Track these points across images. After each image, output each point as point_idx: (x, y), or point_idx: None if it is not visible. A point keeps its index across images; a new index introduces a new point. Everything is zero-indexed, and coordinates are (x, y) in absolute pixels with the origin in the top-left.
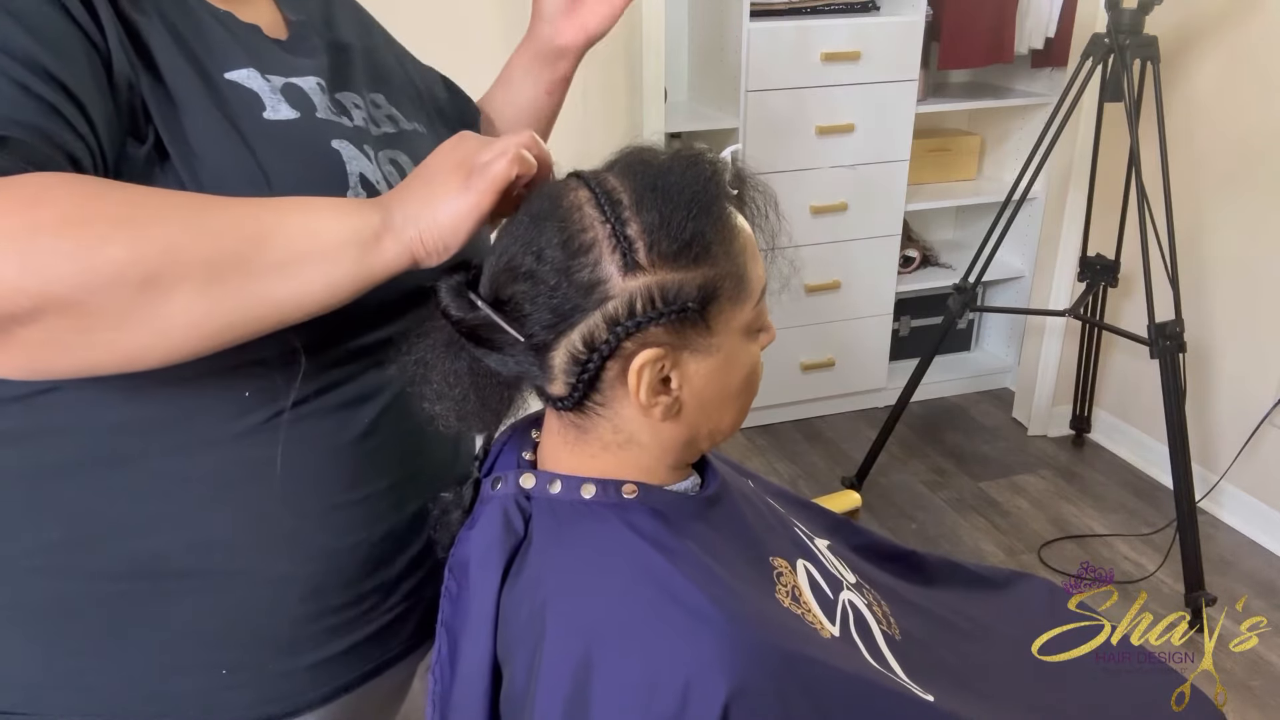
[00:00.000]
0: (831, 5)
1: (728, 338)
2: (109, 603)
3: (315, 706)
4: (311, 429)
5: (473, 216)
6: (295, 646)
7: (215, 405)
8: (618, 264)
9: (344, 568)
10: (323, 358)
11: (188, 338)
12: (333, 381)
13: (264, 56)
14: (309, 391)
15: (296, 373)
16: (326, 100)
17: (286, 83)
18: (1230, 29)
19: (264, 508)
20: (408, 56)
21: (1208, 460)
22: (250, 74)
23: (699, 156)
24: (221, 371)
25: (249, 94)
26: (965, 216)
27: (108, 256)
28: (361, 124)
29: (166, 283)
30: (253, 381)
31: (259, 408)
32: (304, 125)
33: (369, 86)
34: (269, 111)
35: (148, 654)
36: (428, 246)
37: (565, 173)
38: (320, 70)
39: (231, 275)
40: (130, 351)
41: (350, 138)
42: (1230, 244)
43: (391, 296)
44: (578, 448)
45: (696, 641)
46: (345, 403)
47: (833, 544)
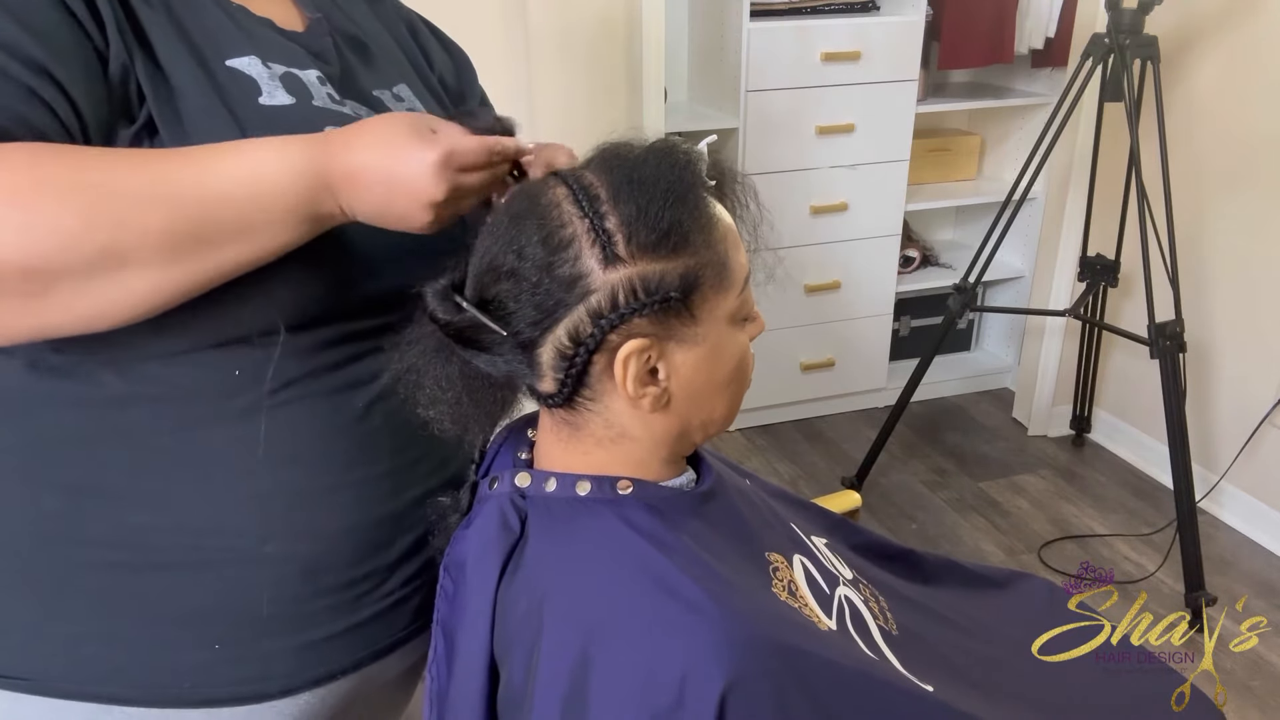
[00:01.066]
0: (831, 5)
1: (713, 327)
2: (104, 574)
3: (310, 687)
4: (306, 410)
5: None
6: (290, 625)
7: (208, 383)
8: (598, 257)
9: (339, 549)
10: (315, 338)
11: (146, 303)
12: (328, 363)
13: (270, 47)
14: (302, 372)
15: (275, 352)
16: (326, 92)
17: (287, 72)
18: (1230, 29)
19: (257, 487)
20: (435, 45)
21: (1208, 460)
22: (251, 61)
23: (673, 148)
24: (212, 348)
25: (247, 80)
26: (965, 216)
27: (59, 225)
28: (365, 116)
29: (122, 255)
30: (243, 360)
31: (251, 386)
32: (298, 111)
33: (393, 79)
34: (265, 97)
35: (141, 625)
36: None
37: None
38: (328, 67)
39: (188, 246)
40: (87, 314)
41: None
42: (1230, 244)
43: (384, 288)
44: (571, 445)
45: (693, 635)
46: (341, 386)
47: (830, 542)
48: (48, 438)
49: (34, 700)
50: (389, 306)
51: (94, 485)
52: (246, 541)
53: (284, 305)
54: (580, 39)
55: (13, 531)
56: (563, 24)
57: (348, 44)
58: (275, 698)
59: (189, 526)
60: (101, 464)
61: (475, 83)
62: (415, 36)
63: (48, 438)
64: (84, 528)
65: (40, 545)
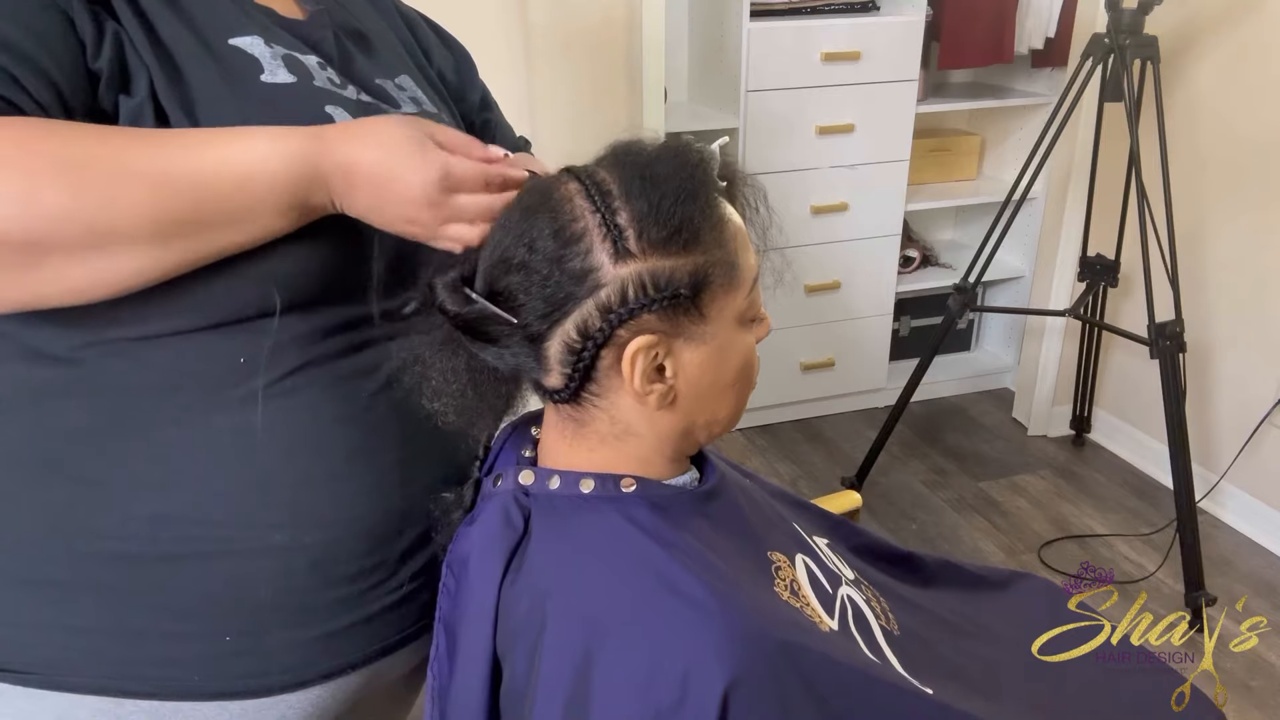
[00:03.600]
0: (831, 5)
1: (721, 326)
2: (111, 566)
3: (320, 680)
4: (311, 398)
5: None
6: (299, 618)
7: (211, 370)
8: (609, 252)
9: (347, 540)
10: (315, 322)
11: (133, 279)
12: (332, 351)
13: (271, 30)
14: (305, 359)
15: (274, 335)
16: (327, 75)
17: (288, 53)
18: (1230, 29)
19: (263, 476)
20: (435, 41)
21: (1208, 460)
22: (254, 40)
23: (686, 146)
24: (212, 328)
25: (249, 59)
26: (965, 216)
27: (50, 201)
28: (368, 101)
29: (110, 233)
30: (245, 346)
31: (254, 373)
32: (299, 89)
33: (393, 70)
34: (267, 74)
35: (150, 617)
36: None
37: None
38: (327, 55)
39: (176, 228)
40: (76, 287)
41: (348, 108)
42: (1230, 244)
43: (382, 266)
44: (576, 441)
45: (696, 632)
46: (347, 374)
47: (831, 543)
48: (51, 430)
49: (44, 694)
50: (388, 289)
51: (99, 477)
52: (254, 532)
53: (282, 281)
54: (580, 39)
55: (19, 525)
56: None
57: (348, 36)
58: (285, 690)
59: (196, 517)
60: (106, 455)
61: (476, 78)
62: (414, 32)
63: (51, 430)
64: (90, 520)
65: (47, 538)
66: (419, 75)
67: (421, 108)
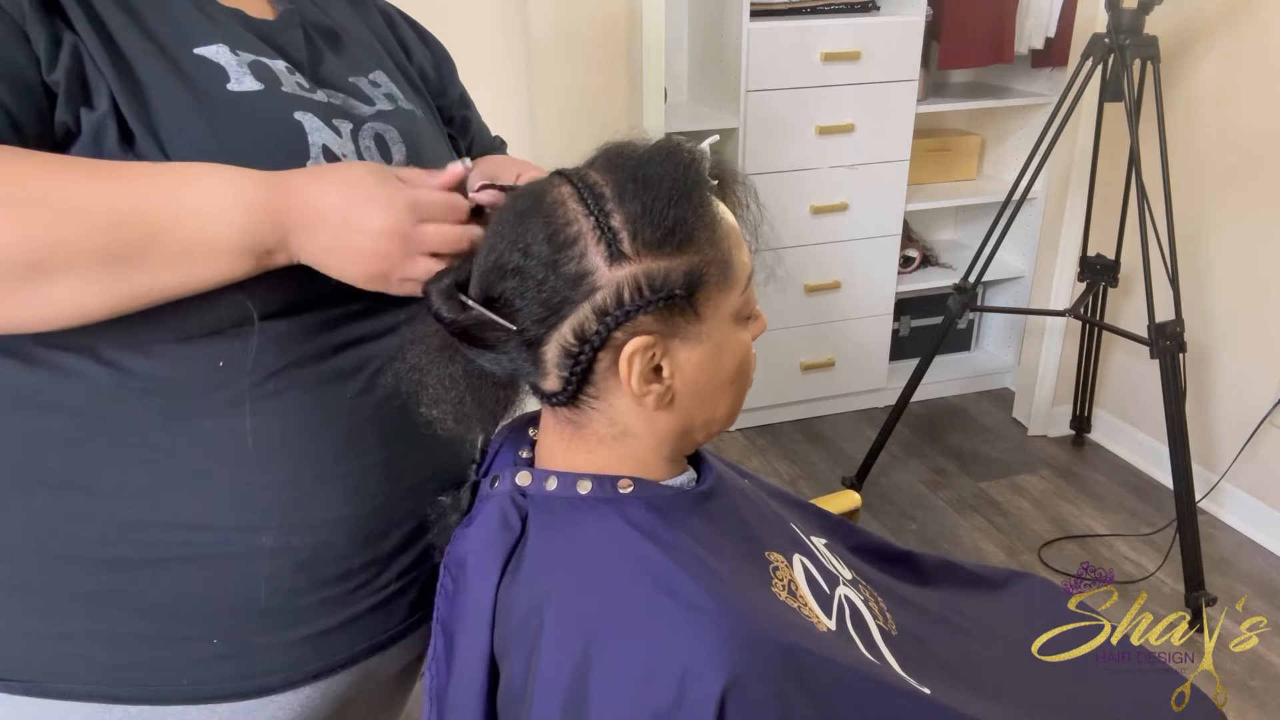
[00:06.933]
0: (831, 5)
1: (717, 325)
2: (99, 571)
3: (309, 681)
4: (294, 401)
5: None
6: (287, 619)
7: (193, 375)
8: (603, 255)
9: (333, 541)
10: (296, 325)
11: (74, 316)
12: (313, 353)
13: (238, 36)
14: (287, 362)
15: (254, 341)
16: (295, 80)
17: (255, 59)
18: (1230, 29)
19: (248, 480)
20: (413, 38)
21: (1208, 460)
22: (219, 49)
23: (677, 147)
24: (192, 338)
25: (215, 67)
26: (965, 216)
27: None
28: (339, 103)
29: (54, 271)
30: (225, 351)
31: (235, 377)
32: (267, 96)
33: (367, 67)
34: (233, 83)
35: (138, 622)
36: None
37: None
38: (295, 58)
39: (121, 268)
40: (13, 320)
41: (318, 111)
42: (1230, 244)
43: None
44: (574, 443)
45: (693, 632)
46: (329, 376)
47: (829, 543)
48: (34, 436)
49: (33, 702)
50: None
51: (85, 482)
52: (240, 535)
53: (260, 291)
54: (580, 39)
55: (4, 532)
56: (563, 24)
57: (320, 34)
58: (275, 692)
59: (182, 522)
60: (92, 461)
61: (455, 76)
62: (393, 28)
63: (34, 436)
64: (77, 526)
65: (34, 545)
66: (396, 71)
67: (396, 104)
